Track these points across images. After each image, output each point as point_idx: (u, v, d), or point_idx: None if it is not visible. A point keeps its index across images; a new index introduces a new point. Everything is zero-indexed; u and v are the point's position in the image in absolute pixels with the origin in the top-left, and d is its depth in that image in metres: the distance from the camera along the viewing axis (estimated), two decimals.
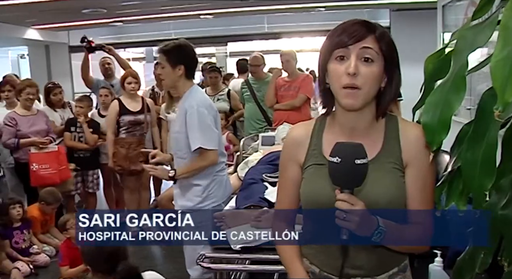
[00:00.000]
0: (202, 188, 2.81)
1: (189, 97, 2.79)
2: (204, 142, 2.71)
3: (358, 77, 1.35)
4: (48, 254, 4.47)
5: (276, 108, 5.19)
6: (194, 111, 2.70)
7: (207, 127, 2.73)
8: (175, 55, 2.77)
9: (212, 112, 2.80)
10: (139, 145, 4.88)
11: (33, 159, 4.71)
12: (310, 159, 1.49)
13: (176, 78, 2.78)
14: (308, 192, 1.48)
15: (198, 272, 2.78)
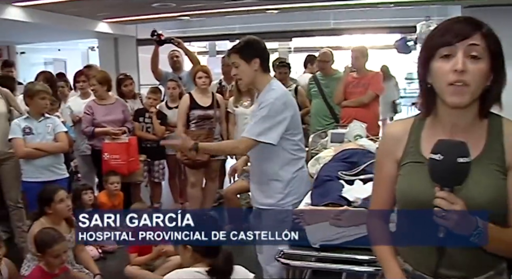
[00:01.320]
0: (284, 184, 2.77)
1: (269, 91, 2.76)
2: (259, 134, 2.67)
3: (466, 74, 1.32)
4: None
5: (344, 105, 5.11)
6: (268, 103, 2.67)
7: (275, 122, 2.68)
8: (247, 50, 2.76)
9: (291, 108, 2.76)
10: (207, 137, 4.93)
11: (105, 149, 4.86)
12: (408, 156, 1.48)
13: (253, 73, 2.76)
14: (405, 189, 1.45)
15: (276, 268, 2.77)
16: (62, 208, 3.49)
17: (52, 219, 3.49)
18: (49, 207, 3.44)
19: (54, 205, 3.45)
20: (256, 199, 2.87)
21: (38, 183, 3.92)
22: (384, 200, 1.54)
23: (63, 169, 4.11)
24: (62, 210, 3.50)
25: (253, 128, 2.68)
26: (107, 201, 4.75)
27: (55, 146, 4.03)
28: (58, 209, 3.48)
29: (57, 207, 3.47)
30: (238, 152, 2.72)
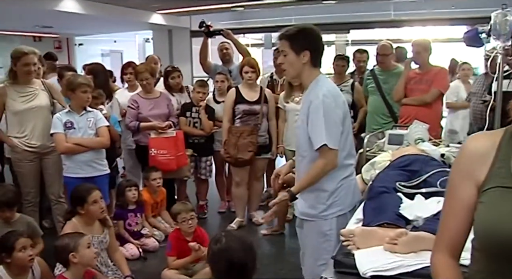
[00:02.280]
0: (328, 194, 2.46)
1: (316, 87, 2.45)
2: (329, 139, 2.36)
3: None
4: (157, 238, 4.45)
5: (404, 103, 4.71)
6: (319, 102, 2.36)
7: (332, 122, 2.38)
8: (299, 41, 2.44)
9: (340, 106, 2.45)
10: (251, 134, 4.68)
11: (152, 144, 4.69)
12: (494, 179, 1.15)
13: (301, 66, 2.46)
14: (488, 222, 1.13)
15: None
16: (95, 210, 3.32)
17: (85, 220, 3.33)
18: (82, 208, 3.29)
19: (87, 206, 3.29)
20: (299, 208, 2.58)
21: (78, 178, 3.81)
22: (456, 233, 1.22)
23: (104, 165, 3.98)
24: (95, 212, 3.34)
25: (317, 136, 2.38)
26: (149, 198, 4.60)
27: (96, 141, 3.90)
28: (91, 210, 3.31)
29: (90, 208, 3.30)
30: (330, 168, 2.42)
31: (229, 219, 5.30)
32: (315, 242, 2.48)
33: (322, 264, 2.43)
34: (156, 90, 4.95)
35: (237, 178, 4.83)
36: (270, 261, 4.12)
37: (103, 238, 3.41)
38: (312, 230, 2.50)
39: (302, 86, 4.73)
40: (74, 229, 3.18)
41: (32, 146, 3.94)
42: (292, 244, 4.43)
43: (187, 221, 3.54)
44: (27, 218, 3.49)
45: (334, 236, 2.44)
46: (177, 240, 3.58)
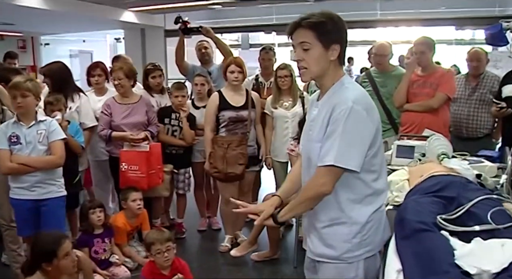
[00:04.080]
0: (356, 230, 1.91)
1: (342, 90, 1.89)
2: (348, 158, 1.82)
3: None
4: (129, 267, 3.84)
5: (406, 109, 4.23)
6: (347, 110, 1.79)
7: (359, 137, 1.83)
8: (329, 31, 1.88)
9: (373, 118, 1.89)
10: (240, 144, 4.13)
11: (123, 158, 4.07)
12: None
13: (328, 63, 1.90)
14: None
15: None
16: (67, 264, 2.70)
17: (52, 275, 2.69)
18: (49, 264, 2.65)
19: (57, 261, 2.65)
20: (312, 248, 2.02)
21: (26, 200, 3.19)
22: None
23: (58, 185, 3.31)
24: (66, 268, 2.71)
25: (332, 150, 1.82)
26: (125, 224, 3.97)
27: (46, 160, 3.22)
28: (61, 266, 2.68)
29: (60, 263, 2.67)
30: (326, 192, 1.85)
31: (210, 238, 4.76)
32: None
33: None
34: (135, 94, 4.33)
35: (227, 195, 4.25)
36: None
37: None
38: (330, 275, 1.94)
39: (292, 89, 4.38)
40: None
41: None
42: (288, 272, 3.90)
43: (163, 253, 2.97)
44: None
45: None
46: (151, 274, 3.00)
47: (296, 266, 3.91)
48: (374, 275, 1.98)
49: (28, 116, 3.18)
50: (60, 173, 3.31)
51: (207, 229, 4.95)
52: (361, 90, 1.96)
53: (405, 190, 2.46)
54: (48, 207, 3.16)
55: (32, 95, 3.13)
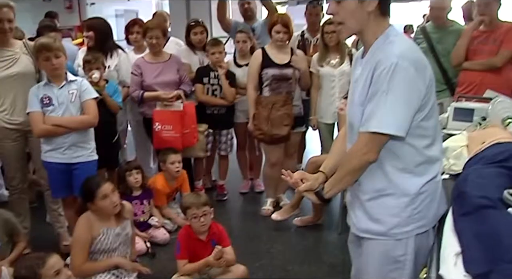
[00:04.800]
0: (406, 202, 1.69)
1: (386, 44, 1.63)
2: (392, 123, 1.59)
3: None
4: (168, 229, 3.79)
5: (465, 68, 3.88)
6: (391, 66, 1.55)
7: (405, 98, 1.58)
8: None
9: (424, 75, 1.62)
10: (285, 104, 3.92)
11: (156, 117, 3.97)
12: None
13: (365, 16, 1.65)
14: None
15: None
16: (106, 205, 2.77)
17: (98, 214, 2.81)
18: (92, 203, 2.79)
19: (97, 202, 2.76)
20: (356, 222, 1.83)
21: (58, 164, 3.13)
22: None
23: (90, 149, 3.22)
24: (106, 208, 2.78)
25: (374, 114, 1.60)
26: (164, 186, 3.89)
27: (79, 120, 3.12)
28: (101, 206, 2.78)
29: (100, 204, 2.77)
30: (370, 160, 1.64)
31: (253, 200, 4.63)
32: (381, 270, 1.74)
33: None
34: (165, 53, 4.18)
35: (273, 158, 4.09)
36: (302, 260, 3.42)
37: (120, 230, 2.86)
38: (376, 252, 1.75)
39: (340, 46, 4.10)
40: (87, 223, 2.78)
41: (13, 122, 3.25)
42: (331, 239, 3.74)
43: (199, 218, 2.84)
44: (3, 214, 2.86)
45: (409, 263, 1.71)
46: (187, 239, 2.89)
47: (341, 232, 3.74)
48: (425, 253, 1.77)
49: (60, 76, 3.08)
50: (91, 136, 3.22)
51: (249, 191, 4.83)
52: (409, 43, 1.69)
53: (464, 157, 2.21)
54: (79, 171, 3.09)
55: (63, 55, 3.04)
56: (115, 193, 2.82)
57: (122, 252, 2.89)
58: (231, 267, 2.92)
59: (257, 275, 3.16)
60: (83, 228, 2.76)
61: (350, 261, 2.05)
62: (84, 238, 2.74)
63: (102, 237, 2.77)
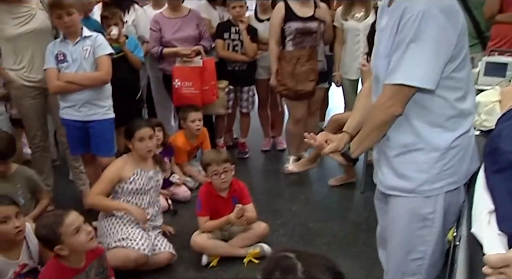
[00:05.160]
0: (436, 158, 1.60)
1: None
2: (413, 74, 1.49)
3: None
4: (189, 186, 3.79)
5: (498, 21, 3.70)
6: (418, 13, 1.44)
7: (434, 48, 1.47)
8: None
9: (455, 23, 1.49)
10: (310, 59, 3.80)
11: (175, 74, 3.90)
12: None
13: None
14: None
15: None
16: (140, 147, 2.82)
17: (134, 156, 2.85)
18: (129, 142, 2.86)
19: (134, 141, 2.83)
20: (383, 180, 1.75)
21: (75, 121, 3.11)
22: None
23: (106, 106, 3.16)
24: (140, 150, 2.83)
25: (400, 65, 1.50)
26: (185, 144, 3.86)
27: (91, 77, 3.05)
28: (136, 147, 2.83)
29: (135, 144, 2.83)
30: (395, 113, 1.55)
31: (274, 159, 4.59)
32: (408, 228, 1.68)
33: (417, 258, 1.69)
34: (183, 8, 4.06)
35: (297, 115, 4.02)
36: (324, 218, 3.39)
37: (153, 174, 2.89)
38: (403, 210, 1.68)
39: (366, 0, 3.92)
40: (121, 164, 2.83)
41: (32, 79, 3.21)
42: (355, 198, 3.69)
43: (219, 174, 2.80)
44: (26, 171, 2.85)
45: (438, 222, 1.64)
46: (208, 196, 2.86)
47: (364, 191, 3.69)
48: (455, 211, 1.69)
49: (74, 33, 3.01)
50: (108, 93, 3.17)
51: (271, 149, 4.79)
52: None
53: (496, 113, 2.10)
54: (95, 129, 3.07)
55: (76, 11, 2.95)
56: (152, 139, 2.86)
57: (153, 198, 2.90)
58: (253, 224, 2.90)
59: (278, 232, 3.14)
60: (115, 167, 2.81)
61: (375, 220, 2.00)
62: (112, 174, 2.78)
63: (135, 176, 2.79)
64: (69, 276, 1.96)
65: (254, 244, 2.88)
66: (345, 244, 3.01)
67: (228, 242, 2.88)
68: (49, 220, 1.97)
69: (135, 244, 2.62)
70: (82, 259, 2.03)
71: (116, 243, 2.64)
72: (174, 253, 2.80)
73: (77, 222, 1.97)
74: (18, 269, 2.28)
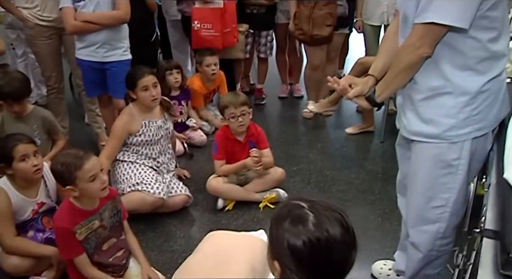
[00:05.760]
0: (464, 102, 1.52)
1: None
2: (445, 12, 1.40)
3: None
4: (205, 130, 3.76)
5: None
6: None
7: None
8: None
9: None
10: (328, 3, 3.67)
11: (195, 15, 3.78)
12: None
13: None
14: None
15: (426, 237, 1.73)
16: (145, 96, 2.73)
17: (140, 106, 2.78)
18: (133, 92, 2.76)
19: (137, 92, 2.73)
20: (407, 124, 1.68)
21: (92, 62, 3.05)
22: None
23: (123, 48, 3.10)
24: (145, 99, 2.74)
25: (431, 2, 1.41)
26: (201, 88, 3.81)
27: (109, 16, 2.97)
28: (141, 97, 2.73)
29: (140, 94, 2.73)
30: (424, 55, 1.47)
31: (291, 105, 4.53)
32: (431, 175, 1.63)
33: (439, 206, 1.65)
34: None
35: (314, 61, 3.93)
36: (341, 165, 3.35)
37: (162, 123, 2.83)
38: (427, 156, 1.62)
39: None
40: (130, 114, 2.76)
41: (45, 19, 3.14)
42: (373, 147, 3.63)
43: (237, 117, 2.75)
44: (42, 112, 2.82)
45: (463, 168, 1.58)
46: (225, 139, 2.83)
47: (383, 140, 3.63)
48: (481, 158, 1.63)
49: None
50: (125, 34, 3.10)
51: (288, 96, 4.71)
52: None
53: None
54: (112, 70, 3.01)
55: None
56: (156, 87, 2.77)
57: (164, 146, 2.87)
58: (269, 169, 2.88)
59: (294, 179, 3.12)
60: (122, 122, 2.74)
61: (392, 169, 1.95)
62: (120, 132, 2.72)
63: (144, 129, 2.75)
64: (82, 217, 1.95)
65: (270, 189, 2.87)
66: (361, 192, 2.98)
67: (244, 187, 2.87)
68: (69, 160, 1.94)
69: (150, 188, 2.61)
70: (95, 201, 2.02)
71: (130, 188, 2.63)
72: (190, 196, 2.81)
73: (95, 170, 1.94)
74: (36, 207, 2.30)
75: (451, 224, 1.69)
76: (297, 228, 1.00)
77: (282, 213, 1.06)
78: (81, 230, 1.94)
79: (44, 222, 2.34)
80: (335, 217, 1.02)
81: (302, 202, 1.06)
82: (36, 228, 2.31)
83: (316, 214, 1.01)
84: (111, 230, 2.07)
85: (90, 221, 1.97)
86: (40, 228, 2.32)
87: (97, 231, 2.00)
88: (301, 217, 1.02)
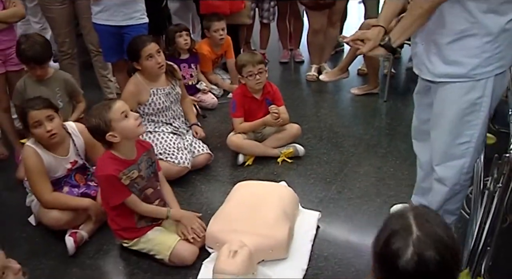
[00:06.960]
0: (487, 42, 1.63)
1: None
2: None
3: None
4: (215, 94, 3.85)
5: None
6: None
7: None
8: None
9: None
10: None
11: None
12: None
13: None
14: None
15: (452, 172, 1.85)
16: (151, 65, 2.75)
17: (146, 76, 2.80)
18: (138, 63, 2.78)
19: (142, 61, 2.76)
20: (431, 68, 1.78)
21: (108, 26, 3.11)
22: None
23: (140, 11, 3.15)
24: (151, 68, 2.76)
25: None
26: (210, 52, 3.86)
27: None
28: (146, 66, 2.76)
29: (145, 64, 2.75)
30: None
31: (293, 70, 4.62)
32: (457, 114, 1.75)
33: (464, 142, 1.79)
34: None
35: (316, 25, 4.01)
36: (349, 123, 3.48)
37: (170, 90, 2.88)
38: (452, 96, 1.74)
39: None
40: (136, 84, 2.79)
41: None
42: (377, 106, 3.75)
43: (254, 75, 2.85)
44: (63, 75, 2.88)
45: (485, 106, 1.71)
46: (243, 98, 2.93)
47: (386, 100, 3.75)
48: (498, 96, 1.77)
49: None
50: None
51: (289, 61, 4.79)
52: None
53: None
54: (130, 34, 3.03)
55: None
56: (160, 54, 2.80)
57: (175, 110, 2.93)
58: (285, 126, 2.99)
59: (307, 135, 3.23)
60: (129, 95, 2.76)
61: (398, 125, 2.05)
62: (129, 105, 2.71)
63: (152, 97, 2.80)
64: (123, 166, 2.04)
65: (287, 145, 2.99)
66: (371, 146, 3.12)
67: (263, 143, 2.98)
68: (98, 110, 2.02)
69: (175, 159, 2.70)
70: (133, 151, 2.10)
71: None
72: (212, 154, 2.91)
73: (123, 108, 2.02)
74: (70, 166, 2.38)
75: (474, 159, 1.83)
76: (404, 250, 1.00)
77: (392, 222, 1.06)
78: (124, 178, 2.04)
79: (77, 179, 2.43)
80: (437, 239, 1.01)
81: (409, 214, 1.05)
82: (71, 184, 2.40)
83: (420, 233, 1.01)
84: (148, 181, 2.18)
85: (130, 170, 2.07)
86: (74, 183, 2.41)
87: (136, 180, 2.10)
88: (406, 229, 1.03)
